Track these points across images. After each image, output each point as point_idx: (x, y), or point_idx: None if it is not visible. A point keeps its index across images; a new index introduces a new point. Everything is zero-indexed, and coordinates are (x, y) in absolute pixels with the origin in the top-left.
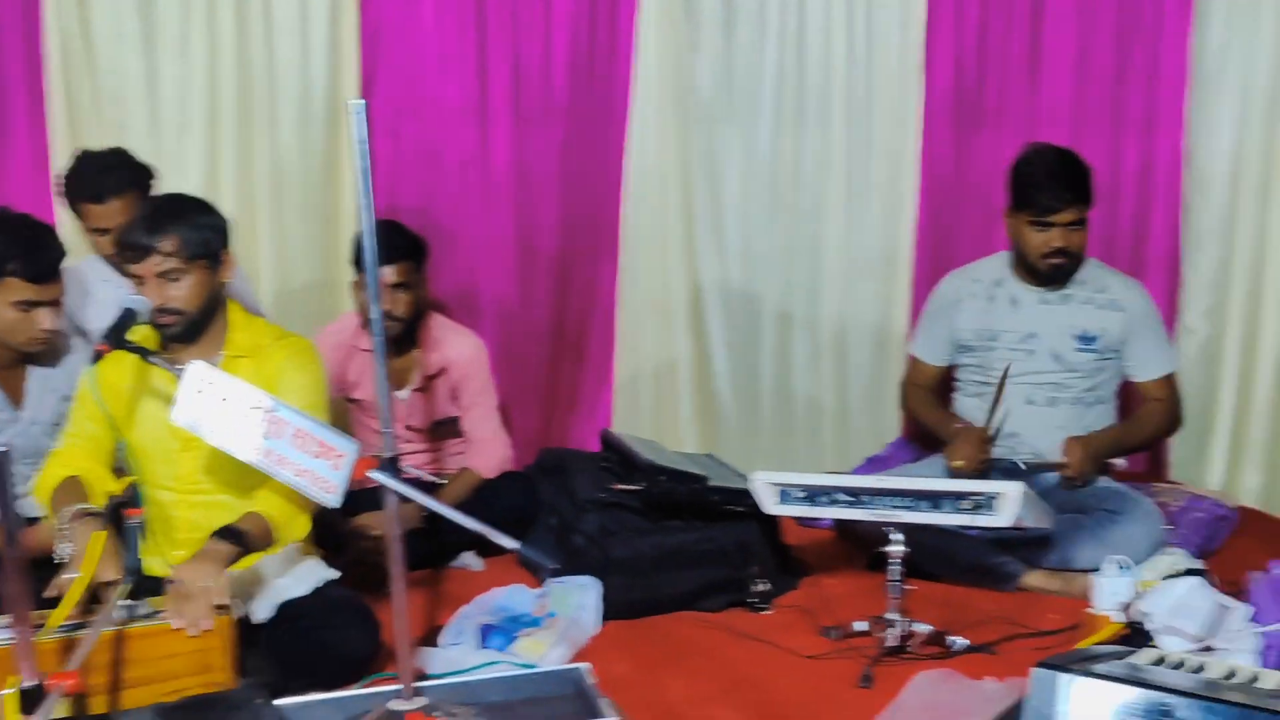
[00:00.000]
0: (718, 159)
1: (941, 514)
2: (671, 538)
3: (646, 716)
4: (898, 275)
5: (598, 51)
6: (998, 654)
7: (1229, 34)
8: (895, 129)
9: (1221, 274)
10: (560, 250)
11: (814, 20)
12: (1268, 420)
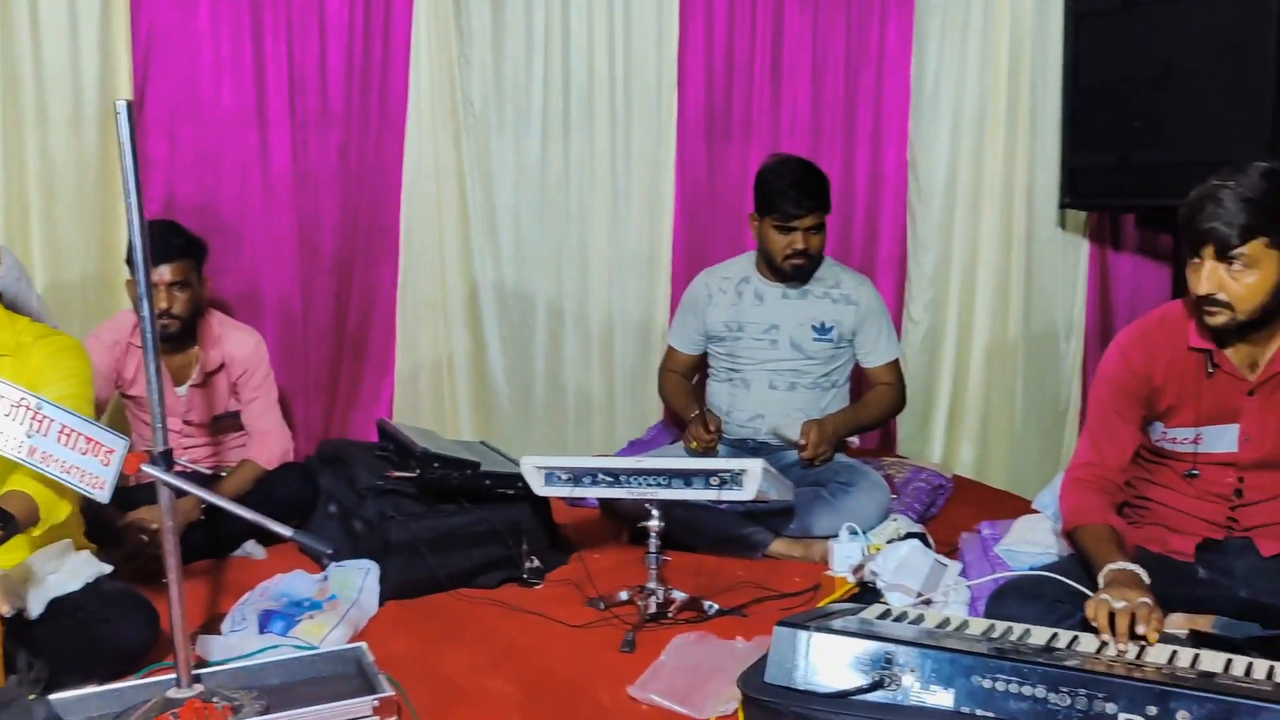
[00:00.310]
0: (491, 165)
1: (693, 490)
2: (446, 520)
3: (423, 689)
4: (658, 273)
5: (373, 61)
6: (747, 616)
7: (941, 61)
8: (653, 139)
9: (941, 272)
10: (341, 250)
11: (577, 37)
12: (980, 401)
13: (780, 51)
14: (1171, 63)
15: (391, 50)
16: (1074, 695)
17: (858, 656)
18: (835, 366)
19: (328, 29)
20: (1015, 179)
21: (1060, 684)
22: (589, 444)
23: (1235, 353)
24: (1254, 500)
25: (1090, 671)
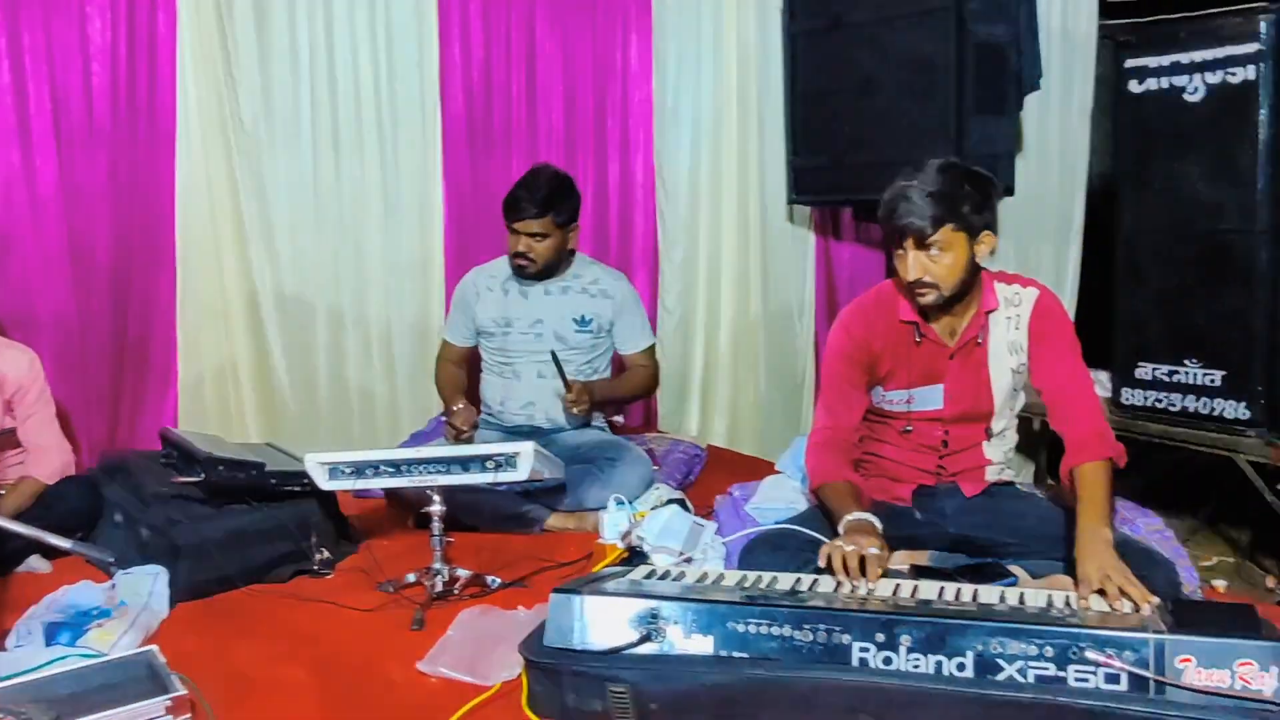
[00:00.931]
0: (264, 179)
1: (471, 474)
2: (235, 520)
3: (218, 684)
4: (432, 276)
5: (139, 81)
6: (528, 586)
7: (679, 77)
8: (420, 153)
9: (689, 264)
10: (116, 264)
11: (341, 59)
12: (729, 377)
13: (534, 69)
14: (873, 76)
15: (157, 71)
16: (815, 631)
17: (627, 614)
18: (596, 355)
19: (90, 50)
20: (749, 179)
21: (803, 622)
22: (374, 439)
23: (938, 324)
24: (957, 450)
25: (828, 609)
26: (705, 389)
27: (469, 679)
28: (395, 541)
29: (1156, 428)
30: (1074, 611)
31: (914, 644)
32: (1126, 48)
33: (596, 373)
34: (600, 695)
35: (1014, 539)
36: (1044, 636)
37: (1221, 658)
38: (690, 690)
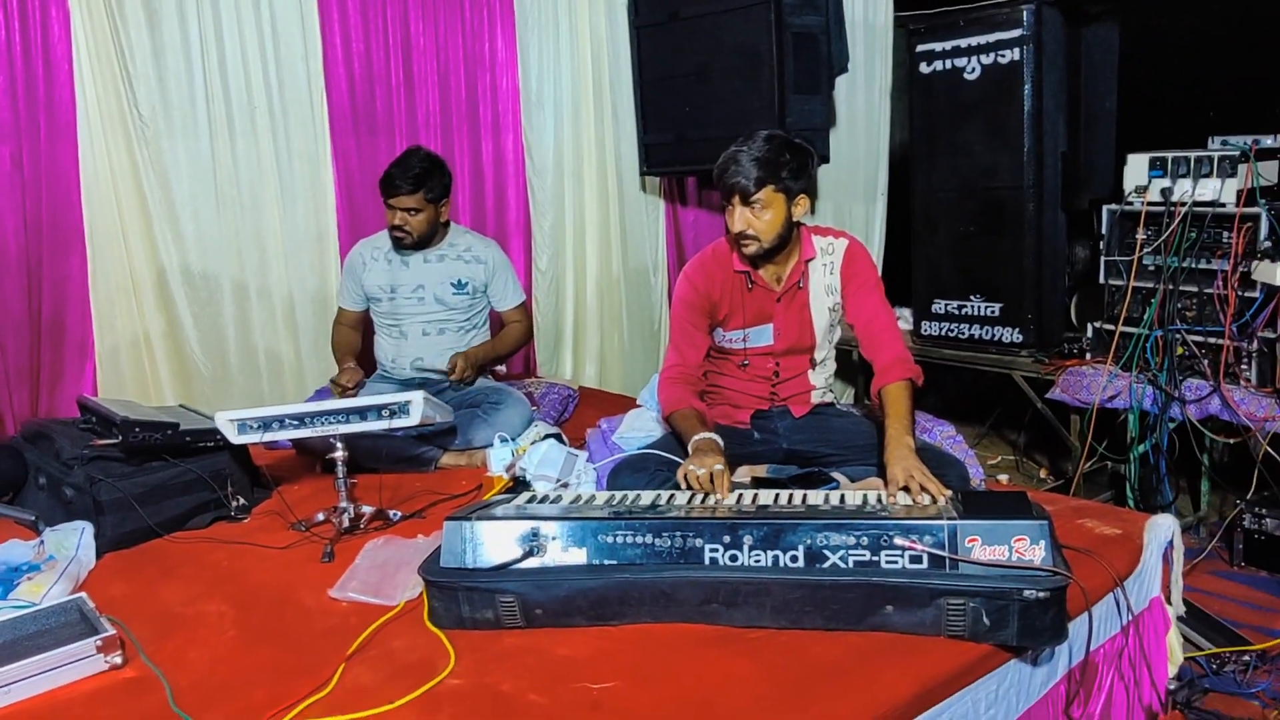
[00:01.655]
0: (165, 165)
1: (369, 422)
2: (154, 476)
3: (146, 623)
4: (327, 249)
5: (35, 78)
6: (425, 517)
7: (541, 65)
8: (309, 137)
9: (557, 231)
10: (27, 249)
11: (231, 52)
12: (596, 328)
13: (410, 59)
14: (707, 63)
15: (53, 68)
16: (672, 537)
17: (513, 535)
18: (473, 314)
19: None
20: (607, 155)
21: (662, 530)
22: (283, 398)
23: (766, 272)
24: (787, 378)
25: (682, 518)
26: (576, 338)
27: (376, 600)
28: (304, 486)
29: (950, 353)
30: (884, 507)
31: (755, 542)
32: (917, 35)
33: (476, 328)
34: (491, 605)
35: (835, 450)
36: (860, 529)
37: (1001, 536)
38: (569, 595)
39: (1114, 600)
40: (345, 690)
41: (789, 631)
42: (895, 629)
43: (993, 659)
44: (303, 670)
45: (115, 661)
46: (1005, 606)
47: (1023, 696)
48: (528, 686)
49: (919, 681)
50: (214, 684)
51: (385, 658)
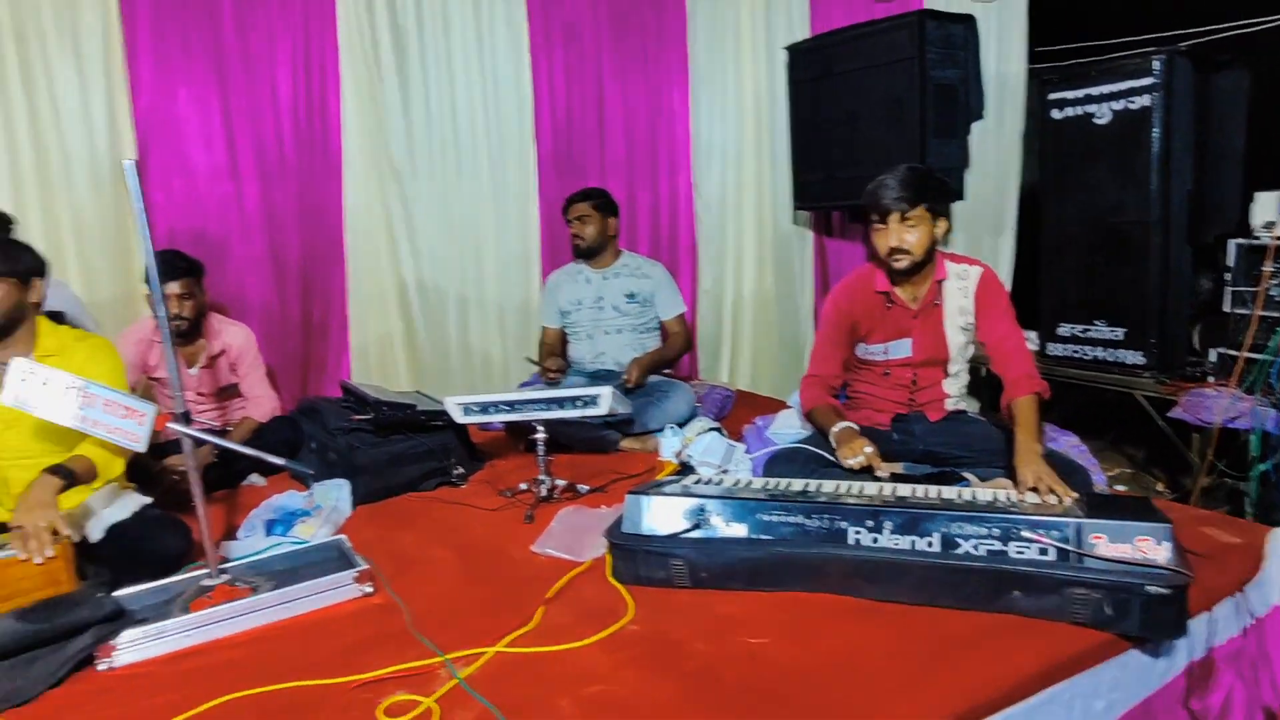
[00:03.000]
0: (408, 199)
1: (565, 411)
2: (396, 446)
3: (388, 562)
4: (531, 269)
5: (314, 129)
6: (607, 492)
7: (711, 116)
8: (521, 177)
9: (720, 257)
10: (303, 264)
11: (461, 104)
12: (750, 340)
13: (603, 112)
14: (857, 111)
15: (328, 123)
16: (821, 519)
17: (682, 510)
18: (644, 320)
19: (280, 106)
20: (764, 192)
21: (812, 513)
22: (492, 389)
23: (904, 292)
24: (924, 386)
25: (830, 502)
26: (734, 347)
27: (568, 557)
28: (510, 461)
29: (1075, 372)
30: (1013, 504)
31: (895, 528)
32: (1050, 84)
33: (647, 331)
34: (664, 567)
35: (967, 453)
36: (991, 521)
37: (1125, 534)
38: (730, 563)
39: (1234, 603)
40: (545, 627)
41: (923, 608)
42: (1022, 613)
43: (1115, 647)
44: (511, 608)
45: (367, 590)
46: (1127, 600)
47: (1143, 684)
48: (694, 636)
49: (1044, 659)
50: (442, 613)
51: (577, 603)
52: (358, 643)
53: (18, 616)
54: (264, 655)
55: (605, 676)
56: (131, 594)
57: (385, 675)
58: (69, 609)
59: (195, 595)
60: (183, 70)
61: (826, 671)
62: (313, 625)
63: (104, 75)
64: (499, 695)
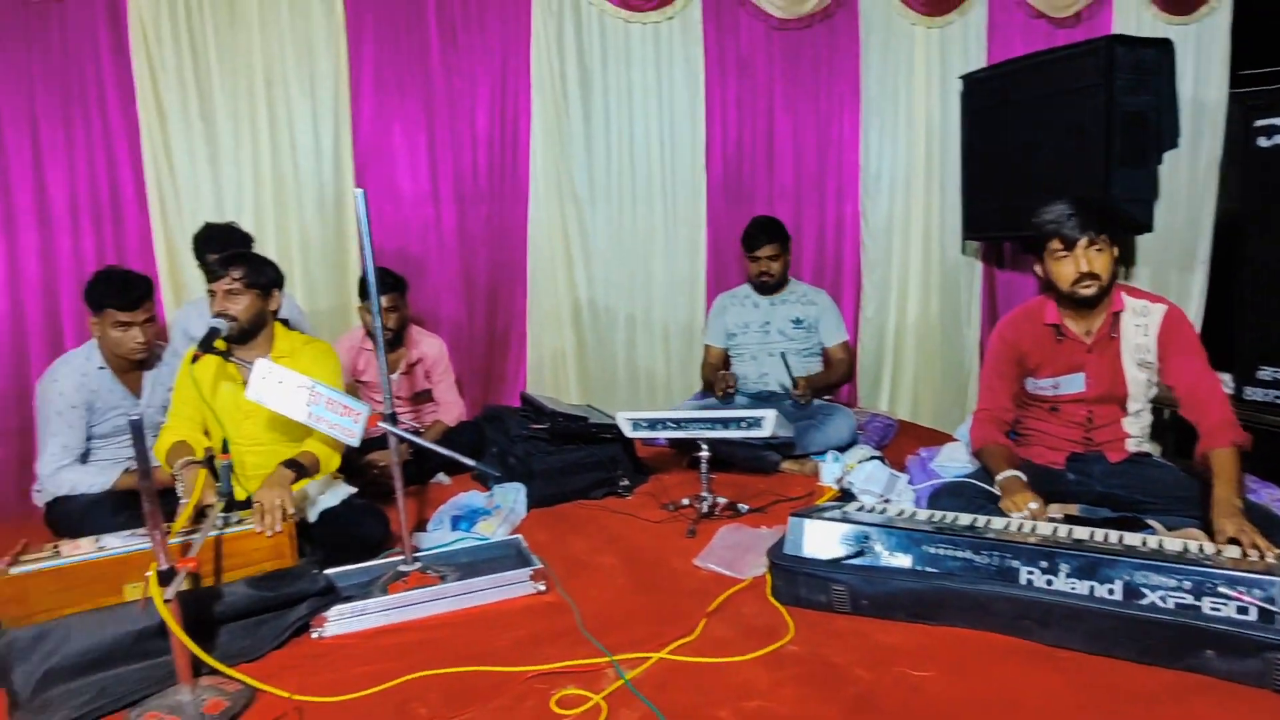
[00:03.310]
0: (585, 225)
1: (729, 431)
2: (568, 455)
3: (560, 562)
4: (697, 293)
5: (506, 158)
6: (767, 513)
7: (881, 144)
8: (691, 203)
9: (884, 285)
10: (489, 283)
11: (639, 136)
12: (912, 369)
13: (772, 142)
14: (1035, 140)
15: (519, 151)
16: (991, 555)
17: (844, 535)
18: (809, 344)
19: (478, 138)
20: (932, 221)
21: (981, 548)
22: (655, 406)
23: (1075, 324)
24: (1100, 425)
25: (1001, 539)
26: (895, 376)
27: (729, 573)
28: (673, 476)
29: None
30: (1208, 555)
31: (1071, 571)
32: (1256, 110)
33: (811, 355)
34: (825, 591)
35: (1151, 499)
36: (1183, 572)
37: None
38: (893, 592)
39: None
40: (706, 639)
41: (1099, 657)
42: (1214, 674)
43: None
44: (673, 618)
45: (540, 588)
46: None
47: None
48: (855, 662)
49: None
50: (608, 616)
51: (737, 619)
52: (531, 636)
53: (249, 584)
54: (449, 639)
55: (765, 693)
56: (339, 573)
57: (557, 669)
58: (291, 581)
59: (392, 579)
60: (397, 108)
61: (992, 713)
62: (491, 615)
63: (333, 115)
64: (661, 700)
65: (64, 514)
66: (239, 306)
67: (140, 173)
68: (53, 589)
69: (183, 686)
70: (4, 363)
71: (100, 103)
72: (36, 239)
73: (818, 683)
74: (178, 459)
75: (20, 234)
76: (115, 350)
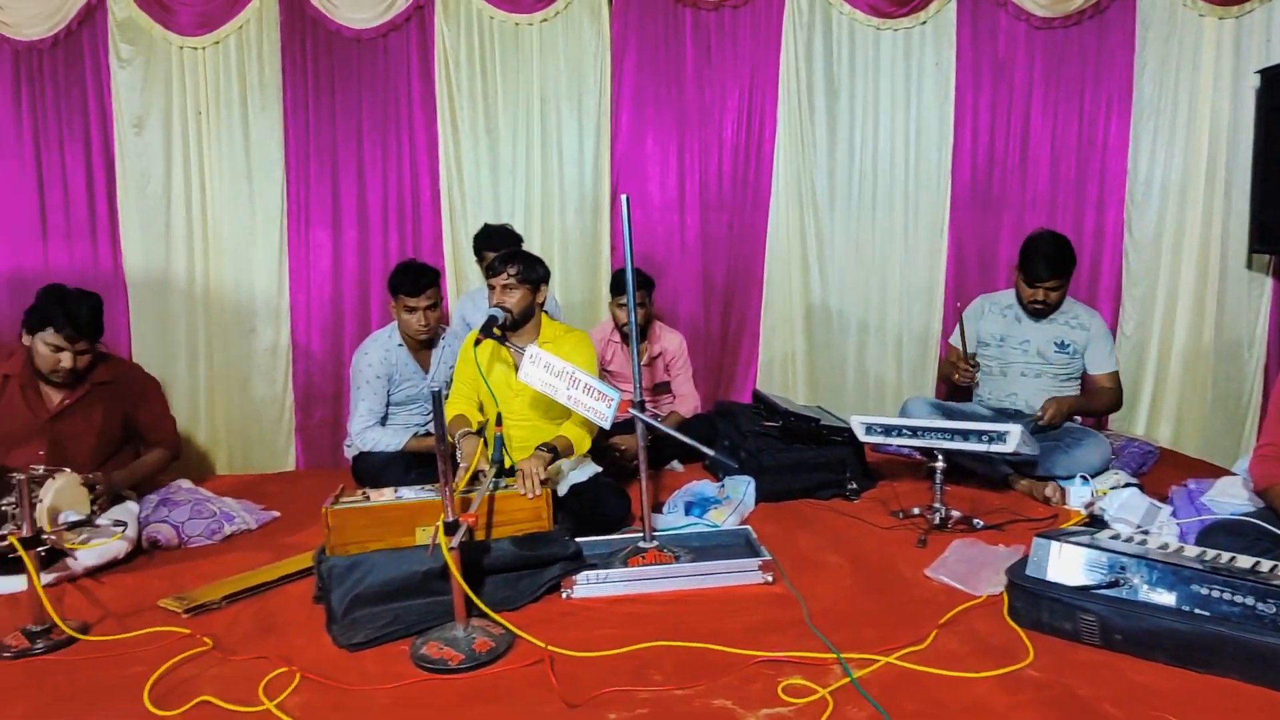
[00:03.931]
0: (823, 230)
1: (970, 443)
2: (798, 454)
3: (787, 557)
4: (935, 300)
5: (749, 167)
6: (1005, 531)
7: (1154, 148)
8: (934, 210)
9: (1148, 301)
10: (726, 286)
11: (883, 143)
12: (1177, 394)
13: (1027, 145)
14: None
15: (762, 160)
16: (1276, 605)
17: (1095, 563)
18: (1069, 370)
19: (724, 149)
20: (1212, 231)
21: (1267, 596)
22: (883, 412)
23: None
24: None
25: None
26: (1154, 400)
27: (962, 588)
28: (902, 483)
29: None
30: None
31: None
32: None
33: (1071, 380)
34: (1071, 619)
35: None
36: None
37: None
38: (1153, 631)
39: None
40: (937, 650)
41: None
42: None
43: None
44: (901, 624)
45: (768, 579)
46: None
47: None
48: (1104, 697)
49: None
50: (835, 615)
51: (970, 635)
52: (759, 623)
53: (513, 542)
54: (681, 615)
55: (1001, 714)
56: (586, 542)
57: (784, 657)
58: (546, 544)
59: (632, 553)
60: (652, 120)
61: None
62: (720, 599)
63: (595, 128)
64: (889, 704)
65: (366, 467)
66: (513, 299)
67: (436, 180)
68: (363, 524)
69: (457, 624)
70: (326, 340)
71: (409, 120)
72: (356, 236)
73: (1061, 712)
74: (457, 430)
75: (345, 231)
76: (405, 330)
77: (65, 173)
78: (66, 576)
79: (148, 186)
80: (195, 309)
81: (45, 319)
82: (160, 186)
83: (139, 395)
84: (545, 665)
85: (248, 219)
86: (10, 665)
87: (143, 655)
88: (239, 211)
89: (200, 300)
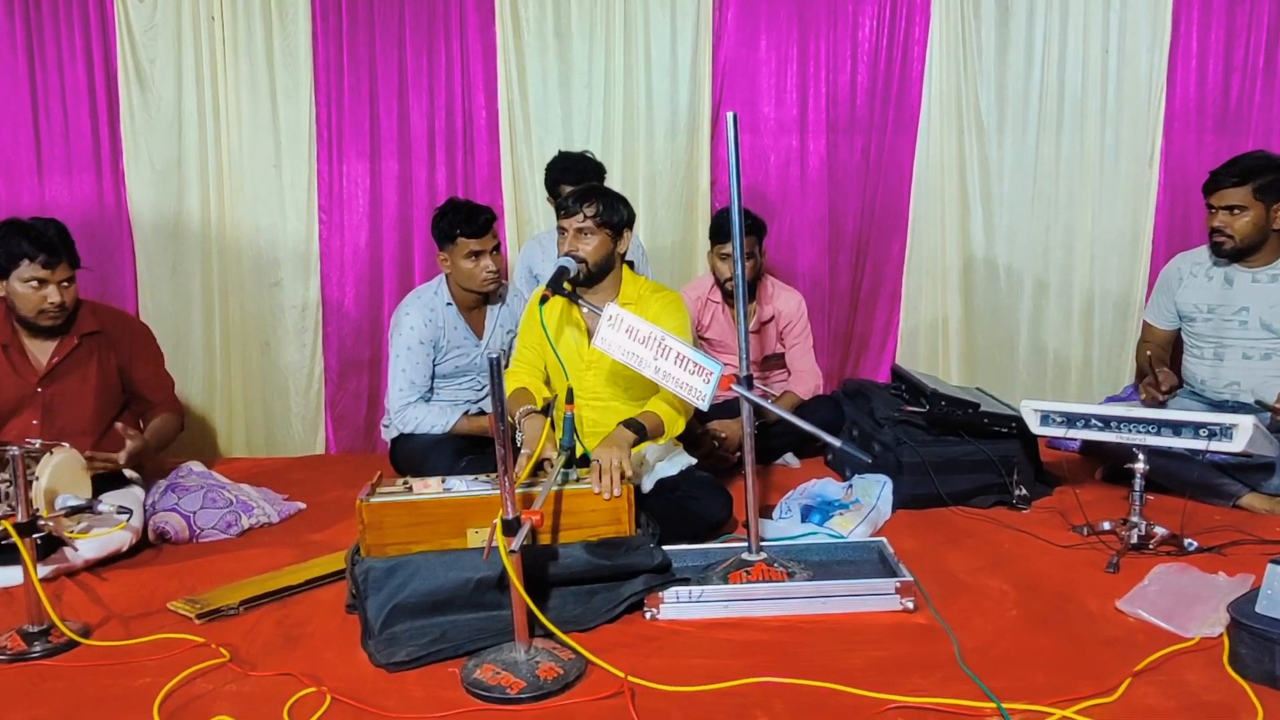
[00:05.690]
0: (989, 160)
1: (1181, 439)
2: (949, 449)
3: (932, 580)
4: (1139, 254)
5: (893, 78)
6: (1227, 556)
7: None
8: (1139, 134)
9: None
10: (859, 231)
11: (1073, 46)
12: None
13: (1275, 46)
14: None
15: (909, 69)
16: None
17: None
18: None
19: (859, 54)
20: None
21: None
22: (1067, 399)
23: None
24: None
25: None
26: None
27: (1166, 626)
28: (1086, 491)
29: None
30: None
31: None
32: None
33: None
34: None
35: None
36: None
37: None
38: None
39: None
40: (1129, 704)
41: None
42: None
43: None
44: (1083, 670)
45: (908, 605)
46: None
47: None
48: None
49: None
50: (995, 654)
51: (1176, 687)
52: (894, 659)
53: (586, 548)
54: (796, 645)
55: None
56: (675, 551)
57: (927, 704)
58: (627, 552)
59: (734, 568)
60: (766, 18)
61: None
62: (846, 627)
63: (693, 27)
64: None
65: (407, 451)
66: (589, 246)
67: (494, 99)
68: (405, 522)
69: (518, 644)
70: (363, 295)
71: (460, 24)
72: (397, 167)
73: None
74: (518, 407)
75: (384, 161)
76: (466, 284)
77: (65, 94)
78: (65, 570)
79: (155, 110)
80: (210, 257)
81: (13, 255)
82: (171, 109)
83: (133, 345)
84: (625, 699)
85: (270, 149)
86: (5, 670)
87: (151, 665)
88: (260, 139)
89: (215, 246)
